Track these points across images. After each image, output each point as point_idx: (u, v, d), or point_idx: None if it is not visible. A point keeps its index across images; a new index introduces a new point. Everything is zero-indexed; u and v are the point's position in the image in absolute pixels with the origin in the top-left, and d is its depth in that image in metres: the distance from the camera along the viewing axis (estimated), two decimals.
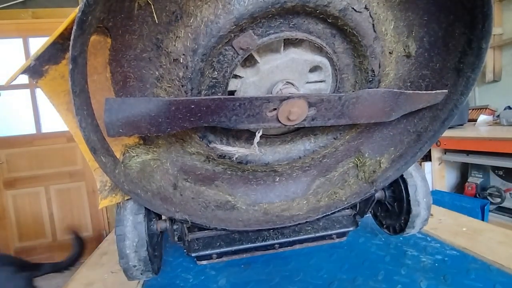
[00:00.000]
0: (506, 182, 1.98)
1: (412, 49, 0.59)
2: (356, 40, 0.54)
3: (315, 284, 0.66)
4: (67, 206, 3.01)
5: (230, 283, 0.68)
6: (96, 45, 0.46)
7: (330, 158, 0.73)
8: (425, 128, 0.64)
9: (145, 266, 0.60)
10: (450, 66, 0.58)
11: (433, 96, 0.59)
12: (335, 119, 0.55)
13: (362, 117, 0.57)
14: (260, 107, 0.49)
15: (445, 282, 0.63)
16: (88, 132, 0.43)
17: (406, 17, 0.55)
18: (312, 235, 0.79)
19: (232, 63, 0.52)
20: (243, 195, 0.70)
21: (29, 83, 2.58)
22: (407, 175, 0.72)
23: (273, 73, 0.55)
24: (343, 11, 0.49)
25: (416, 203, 0.70)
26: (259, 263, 0.76)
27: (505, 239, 0.80)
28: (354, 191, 0.70)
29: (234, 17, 0.46)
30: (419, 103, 0.60)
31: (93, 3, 0.36)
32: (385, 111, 0.57)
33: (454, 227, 0.90)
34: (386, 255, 0.75)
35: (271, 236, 0.77)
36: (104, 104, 0.44)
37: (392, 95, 0.56)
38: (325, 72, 0.59)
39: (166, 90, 0.52)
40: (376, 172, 0.69)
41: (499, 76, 2.39)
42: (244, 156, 0.68)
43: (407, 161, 0.65)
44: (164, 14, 0.46)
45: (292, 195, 0.72)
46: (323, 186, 0.73)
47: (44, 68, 0.44)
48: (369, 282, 0.65)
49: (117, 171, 0.50)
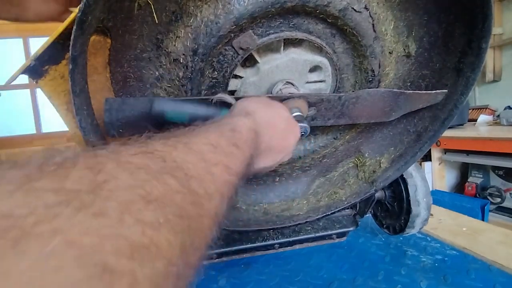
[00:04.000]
0: (506, 182, 1.98)
1: (412, 49, 0.59)
2: (356, 40, 0.54)
3: (315, 284, 0.66)
4: None
5: (230, 283, 0.68)
6: (96, 45, 0.46)
7: (330, 158, 0.73)
8: (425, 128, 0.64)
9: None
10: (450, 66, 0.58)
11: (433, 96, 0.59)
12: (335, 119, 0.55)
13: (362, 117, 0.57)
14: None
15: (445, 282, 0.63)
16: (88, 132, 0.43)
17: (406, 17, 0.55)
18: (312, 235, 0.79)
19: (232, 63, 0.52)
20: (243, 195, 0.70)
21: (29, 83, 2.58)
22: (407, 175, 0.72)
23: (273, 73, 0.55)
24: (343, 11, 0.49)
25: (416, 203, 0.70)
26: (259, 263, 0.76)
27: (505, 239, 0.80)
28: (354, 191, 0.70)
29: (234, 17, 0.46)
30: (419, 103, 0.60)
31: (93, 3, 0.36)
32: (385, 111, 0.57)
33: (454, 227, 0.90)
34: (386, 255, 0.75)
35: (271, 236, 0.77)
36: (104, 104, 0.44)
37: (392, 95, 0.56)
38: (325, 72, 0.59)
39: (166, 90, 0.52)
40: (376, 172, 0.69)
41: (499, 76, 2.39)
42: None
43: (407, 161, 0.65)
44: (164, 14, 0.46)
45: (292, 195, 0.72)
46: (323, 186, 0.73)
47: (44, 68, 0.44)
48: (369, 282, 0.65)
49: None
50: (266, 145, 0.38)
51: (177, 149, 0.22)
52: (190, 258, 0.19)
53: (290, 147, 0.42)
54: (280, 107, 0.43)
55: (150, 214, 0.16)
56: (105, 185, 0.16)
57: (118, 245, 0.14)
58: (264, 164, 0.40)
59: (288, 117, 0.43)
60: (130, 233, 0.15)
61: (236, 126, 0.32)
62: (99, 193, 0.16)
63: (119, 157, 0.18)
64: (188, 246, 0.18)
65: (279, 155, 0.41)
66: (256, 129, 0.35)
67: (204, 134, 0.26)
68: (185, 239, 0.18)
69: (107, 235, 0.14)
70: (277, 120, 0.40)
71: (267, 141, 0.38)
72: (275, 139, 0.39)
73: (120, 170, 0.17)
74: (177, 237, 0.17)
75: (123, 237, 0.15)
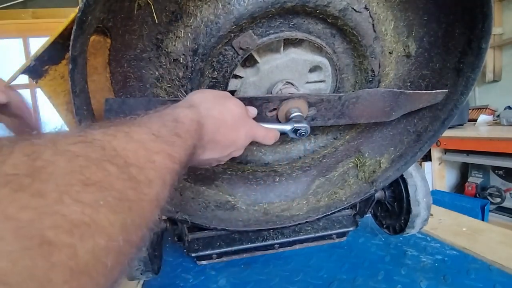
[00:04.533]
0: (506, 182, 1.98)
1: (412, 49, 0.59)
2: (356, 40, 0.54)
3: (315, 284, 0.66)
4: None
5: (230, 283, 0.68)
6: (96, 45, 0.46)
7: (330, 158, 0.73)
8: (425, 128, 0.64)
9: (145, 266, 0.60)
10: (450, 66, 0.58)
11: (433, 96, 0.59)
12: (335, 119, 0.55)
13: (362, 117, 0.57)
14: (261, 107, 0.50)
15: (445, 282, 0.63)
16: None
17: (406, 17, 0.55)
18: (312, 235, 0.79)
19: (232, 63, 0.52)
20: (243, 195, 0.70)
21: (29, 83, 2.58)
22: (407, 175, 0.72)
23: (273, 73, 0.55)
24: (343, 11, 0.49)
25: (416, 203, 0.70)
26: (259, 263, 0.76)
27: (505, 239, 0.80)
28: (354, 191, 0.70)
29: (234, 17, 0.46)
30: (419, 103, 0.60)
31: (93, 3, 0.36)
32: (385, 111, 0.57)
33: (454, 227, 0.90)
34: (386, 255, 0.75)
35: (271, 236, 0.77)
36: (104, 104, 0.44)
37: (392, 94, 0.56)
38: (325, 72, 0.59)
39: (166, 90, 0.52)
40: (376, 172, 0.69)
41: (499, 76, 2.39)
42: (244, 157, 0.68)
43: (407, 161, 0.65)
44: (164, 14, 0.46)
45: (292, 195, 0.72)
46: (323, 186, 0.73)
47: (44, 68, 0.44)
48: (369, 282, 0.65)
49: None
50: (211, 137, 0.38)
51: (117, 138, 0.22)
52: (131, 236, 0.19)
53: (240, 143, 0.42)
54: (233, 104, 0.42)
55: (89, 196, 0.17)
56: (43, 169, 0.17)
57: (56, 221, 0.15)
58: (210, 155, 0.39)
59: (240, 113, 0.42)
60: (69, 211, 0.16)
61: (179, 117, 0.32)
62: (37, 176, 0.16)
63: (56, 145, 0.19)
64: (128, 225, 0.19)
65: (227, 149, 0.41)
66: (199, 120, 0.35)
67: (145, 124, 0.27)
68: (126, 219, 0.19)
69: (46, 212, 0.15)
70: (225, 114, 0.39)
71: (212, 133, 0.38)
72: (221, 133, 0.39)
73: (58, 157, 0.18)
74: (117, 217, 0.18)
75: (62, 214, 0.15)
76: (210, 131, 0.37)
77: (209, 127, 0.37)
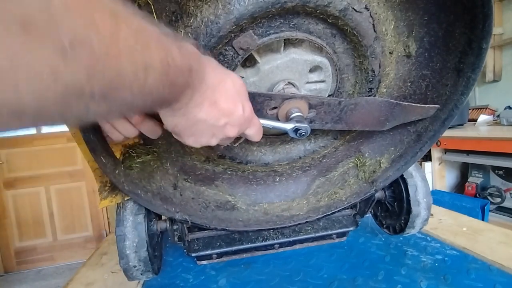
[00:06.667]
0: (506, 182, 1.98)
1: (412, 49, 0.59)
2: (357, 40, 0.54)
3: (315, 284, 0.66)
4: (67, 206, 3.01)
5: (230, 283, 0.68)
6: None
7: (330, 158, 0.73)
8: (425, 128, 0.64)
9: (145, 266, 0.60)
10: (450, 66, 0.58)
11: (425, 110, 0.60)
12: (332, 124, 0.55)
13: (358, 124, 0.57)
14: (262, 103, 0.49)
15: (445, 282, 0.63)
16: (88, 132, 0.43)
17: (406, 17, 0.55)
18: (312, 235, 0.79)
19: (232, 63, 0.52)
20: (243, 195, 0.70)
21: None
22: (407, 175, 0.72)
23: (273, 73, 0.55)
24: (344, 11, 0.49)
25: (416, 203, 0.70)
26: (259, 263, 0.76)
27: (505, 239, 0.80)
28: (354, 191, 0.70)
29: (234, 17, 0.46)
30: (412, 115, 0.61)
31: None
32: (380, 120, 0.58)
33: (454, 227, 0.90)
34: (386, 255, 0.75)
35: (271, 236, 0.78)
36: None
37: (389, 105, 0.57)
38: (325, 72, 0.59)
39: None
40: (376, 172, 0.69)
41: (499, 76, 2.39)
42: (244, 157, 0.68)
43: (407, 161, 0.65)
44: (164, 14, 0.46)
45: (292, 195, 0.72)
46: (323, 186, 0.73)
47: None
48: (369, 282, 0.65)
49: (117, 172, 0.50)
50: (211, 90, 0.36)
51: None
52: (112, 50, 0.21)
53: (236, 116, 0.39)
54: (238, 77, 0.40)
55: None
56: None
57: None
58: (206, 114, 0.36)
59: (242, 86, 0.40)
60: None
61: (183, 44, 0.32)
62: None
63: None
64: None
65: (223, 117, 0.38)
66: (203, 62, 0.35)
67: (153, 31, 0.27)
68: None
69: None
70: (227, 79, 0.38)
71: (213, 86, 0.36)
72: (221, 92, 0.37)
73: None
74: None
75: None
76: (210, 83, 0.36)
77: (211, 79, 0.36)
